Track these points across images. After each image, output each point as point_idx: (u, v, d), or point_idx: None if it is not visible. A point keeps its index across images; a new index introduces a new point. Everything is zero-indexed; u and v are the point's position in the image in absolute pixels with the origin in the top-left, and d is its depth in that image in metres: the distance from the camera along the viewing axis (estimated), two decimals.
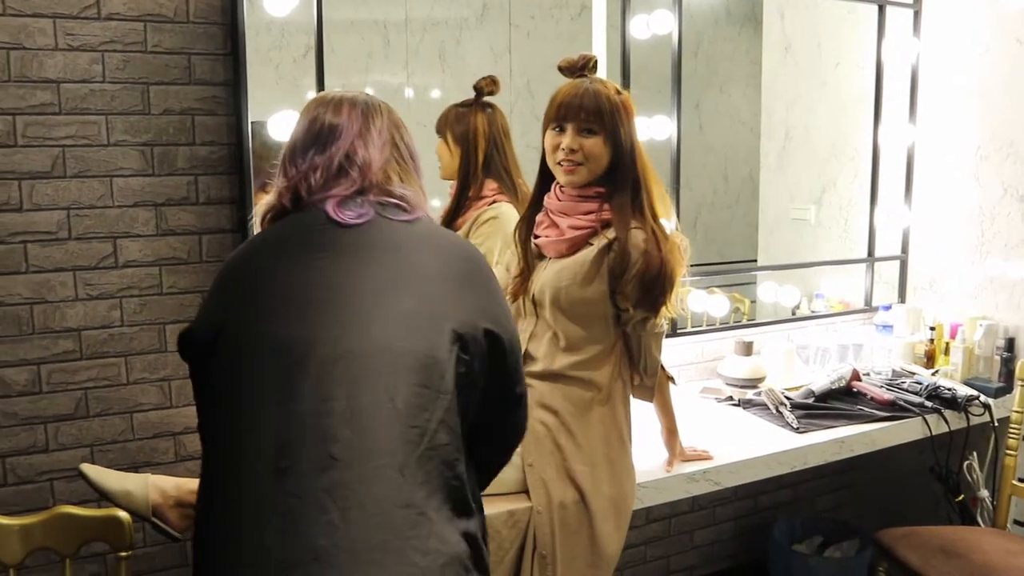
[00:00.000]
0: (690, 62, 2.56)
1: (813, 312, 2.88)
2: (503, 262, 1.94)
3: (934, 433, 2.25)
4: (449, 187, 2.19)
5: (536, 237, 1.79)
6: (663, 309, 1.71)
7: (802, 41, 3.12)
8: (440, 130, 2.16)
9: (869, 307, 2.89)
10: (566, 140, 1.69)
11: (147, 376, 1.91)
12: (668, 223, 1.75)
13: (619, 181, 1.71)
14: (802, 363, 2.63)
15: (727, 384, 2.49)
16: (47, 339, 1.83)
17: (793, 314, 2.90)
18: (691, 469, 1.91)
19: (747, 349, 2.50)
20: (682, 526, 2.69)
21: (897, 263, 2.91)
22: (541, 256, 1.79)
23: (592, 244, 1.70)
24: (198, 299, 1.93)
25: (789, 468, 2.05)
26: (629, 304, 1.68)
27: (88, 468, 1.56)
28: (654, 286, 1.66)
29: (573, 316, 1.71)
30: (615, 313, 1.73)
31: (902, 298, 2.90)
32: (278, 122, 1.97)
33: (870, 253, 2.88)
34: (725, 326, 2.68)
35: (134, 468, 1.92)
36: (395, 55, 3.63)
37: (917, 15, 2.77)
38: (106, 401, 1.89)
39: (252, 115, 1.93)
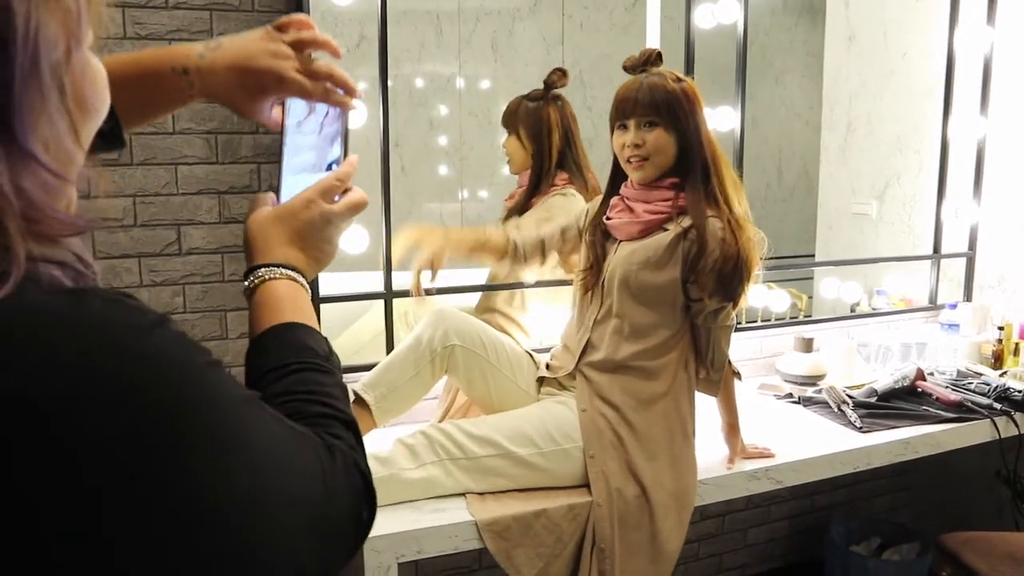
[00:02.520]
0: (731, 56, 2.51)
1: (874, 309, 2.81)
2: (560, 222, 1.94)
3: (1003, 436, 2.18)
4: (518, 181, 2.18)
5: (608, 220, 1.78)
6: (739, 300, 1.70)
7: (867, 31, 3.03)
8: (510, 125, 2.14)
9: (934, 305, 2.81)
10: (629, 136, 1.69)
11: None
12: (741, 209, 1.73)
13: (689, 169, 1.70)
14: (863, 361, 2.57)
15: (786, 381, 2.44)
16: None
17: (852, 311, 2.84)
18: (752, 467, 1.87)
19: (807, 346, 2.45)
20: (736, 524, 2.65)
21: (963, 260, 2.82)
22: (610, 238, 1.78)
23: (667, 230, 1.70)
24: None
25: (852, 468, 2.00)
26: (704, 294, 1.67)
27: None
28: (731, 276, 1.65)
29: (641, 300, 1.70)
30: (684, 303, 1.71)
31: (968, 296, 2.82)
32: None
33: (936, 250, 2.80)
34: (782, 322, 2.62)
35: None
36: (447, 45, 3.63)
37: (992, 3, 2.67)
38: None
39: None
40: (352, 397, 1.71)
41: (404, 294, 2.04)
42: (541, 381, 1.85)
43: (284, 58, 0.80)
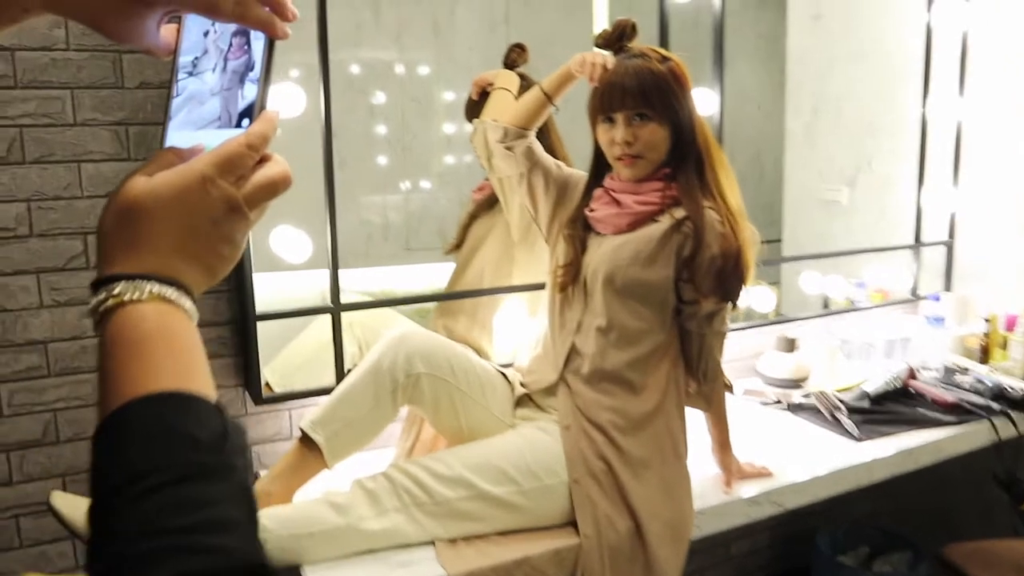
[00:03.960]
0: (689, 35, 2.33)
1: (852, 302, 2.66)
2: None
3: (1001, 438, 2.05)
4: (484, 178, 1.95)
5: (591, 212, 1.56)
6: (736, 301, 1.51)
7: (834, 10, 2.88)
8: (475, 113, 1.89)
9: (915, 296, 2.67)
10: (619, 133, 1.48)
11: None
12: (736, 201, 1.54)
13: (682, 158, 1.50)
14: (844, 358, 2.42)
15: (767, 384, 2.27)
16: (8, 354, 1.56)
17: (825, 305, 2.68)
18: (752, 491, 1.69)
19: (790, 346, 2.28)
20: (718, 536, 2.47)
21: (942, 249, 2.69)
22: (591, 233, 1.57)
23: (658, 221, 1.49)
24: None
25: (855, 484, 1.84)
26: (699, 294, 1.47)
27: (59, 498, 1.31)
28: (730, 274, 1.46)
29: (628, 300, 1.50)
30: (675, 306, 1.51)
31: (947, 286, 2.69)
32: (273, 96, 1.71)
33: (917, 239, 2.66)
34: (756, 322, 2.44)
35: None
36: (386, 27, 3.37)
37: None
38: (79, 424, 1.63)
39: None
40: (300, 435, 1.46)
41: (353, 307, 1.80)
42: (517, 402, 1.62)
43: None
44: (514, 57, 1.88)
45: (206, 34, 0.55)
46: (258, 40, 0.54)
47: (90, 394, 1.62)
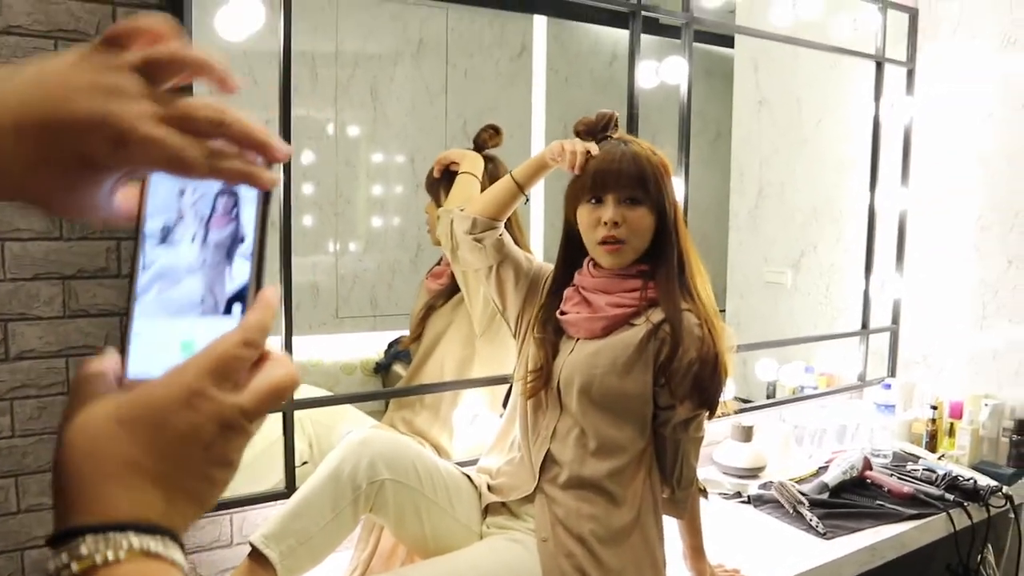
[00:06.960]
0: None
1: (800, 388, 2.65)
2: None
3: (957, 528, 2.04)
4: (437, 263, 1.86)
5: (563, 314, 1.48)
6: (715, 407, 1.44)
7: (778, 97, 2.94)
8: (434, 190, 1.82)
9: (863, 382, 2.68)
10: (607, 212, 1.41)
11: (45, 502, 1.46)
12: (711, 301, 1.49)
13: (663, 255, 1.44)
14: (795, 444, 2.40)
15: (724, 473, 2.23)
16: None
17: (769, 390, 2.66)
18: None
19: (747, 435, 2.25)
20: None
21: (887, 335, 2.73)
22: (563, 336, 1.49)
23: (635, 325, 1.42)
24: None
25: None
26: (676, 400, 1.40)
27: None
28: (708, 379, 1.39)
29: (606, 411, 1.41)
30: (652, 412, 1.44)
31: (892, 372, 2.72)
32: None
33: (864, 325, 2.68)
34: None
35: None
36: (323, 90, 3.30)
37: (911, 74, 2.63)
38: None
39: None
40: (249, 550, 1.31)
41: (308, 404, 1.66)
42: (486, 509, 1.51)
43: (126, 96, 0.39)
44: (485, 138, 1.82)
45: (181, 193, 0.44)
46: (248, 201, 0.43)
47: (3, 502, 1.43)
